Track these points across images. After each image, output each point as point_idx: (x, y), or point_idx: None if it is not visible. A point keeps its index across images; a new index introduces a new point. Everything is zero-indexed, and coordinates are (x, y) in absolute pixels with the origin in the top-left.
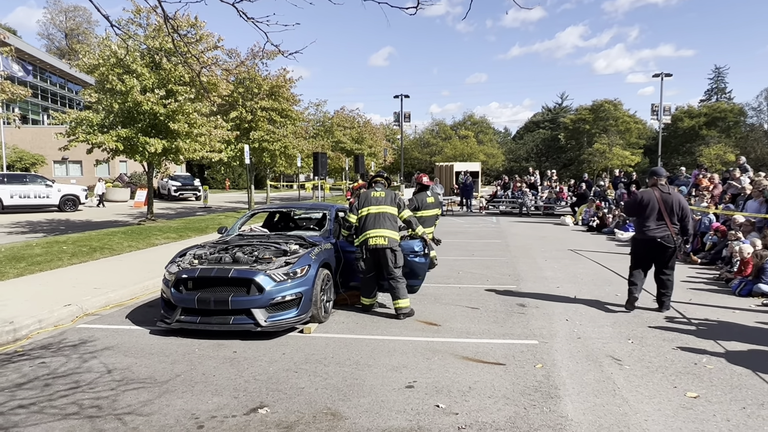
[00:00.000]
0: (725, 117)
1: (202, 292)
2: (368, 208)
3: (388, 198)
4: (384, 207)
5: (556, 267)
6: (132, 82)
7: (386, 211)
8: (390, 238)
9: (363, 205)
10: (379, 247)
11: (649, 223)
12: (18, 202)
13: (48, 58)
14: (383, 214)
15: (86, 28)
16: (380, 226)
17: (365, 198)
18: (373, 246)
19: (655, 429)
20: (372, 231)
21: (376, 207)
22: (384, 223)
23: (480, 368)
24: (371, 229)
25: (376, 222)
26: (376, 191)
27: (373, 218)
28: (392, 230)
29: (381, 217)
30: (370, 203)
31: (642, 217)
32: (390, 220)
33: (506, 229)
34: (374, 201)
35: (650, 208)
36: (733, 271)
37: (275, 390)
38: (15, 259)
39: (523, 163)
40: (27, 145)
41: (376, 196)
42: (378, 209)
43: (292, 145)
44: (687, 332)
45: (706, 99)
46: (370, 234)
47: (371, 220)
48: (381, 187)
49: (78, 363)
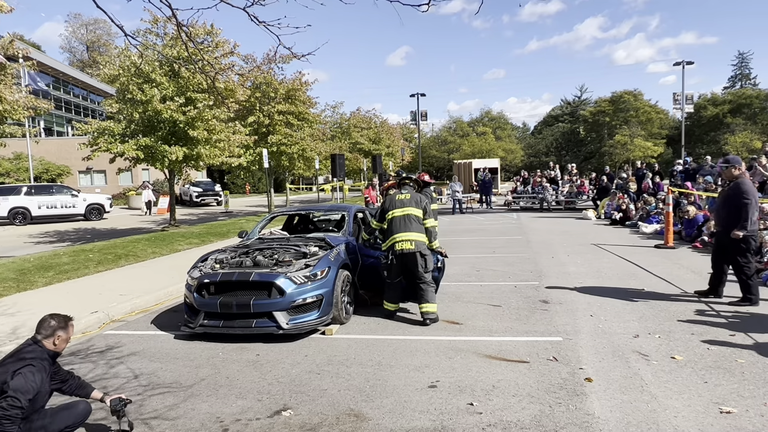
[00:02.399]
0: (751, 103)
1: (225, 297)
2: (393, 211)
3: (412, 200)
4: (408, 209)
5: (579, 262)
6: (152, 92)
7: (411, 213)
8: (417, 241)
9: (388, 209)
10: (406, 251)
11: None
12: (45, 213)
13: (70, 70)
14: (408, 217)
15: (107, 40)
16: (406, 229)
17: (390, 201)
18: (400, 251)
19: (686, 426)
20: (399, 235)
21: (401, 210)
22: (410, 226)
23: (503, 366)
24: (398, 233)
25: (402, 225)
26: (401, 194)
27: (399, 221)
28: (419, 233)
29: (406, 220)
30: (395, 206)
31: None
32: (416, 222)
33: (527, 224)
34: (399, 204)
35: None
36: (763, 262)
37: (298, 392)
38: (43, 269)
39: (543, 158)
40: (53, 157)
41: (400, 198)
42: (403, 212)
43: (309, 148)
44: (716, 325)
45: (730, 86)
46: (397, 238)
47: (397, 224)
48: (407, 190)
49: (105, 369)
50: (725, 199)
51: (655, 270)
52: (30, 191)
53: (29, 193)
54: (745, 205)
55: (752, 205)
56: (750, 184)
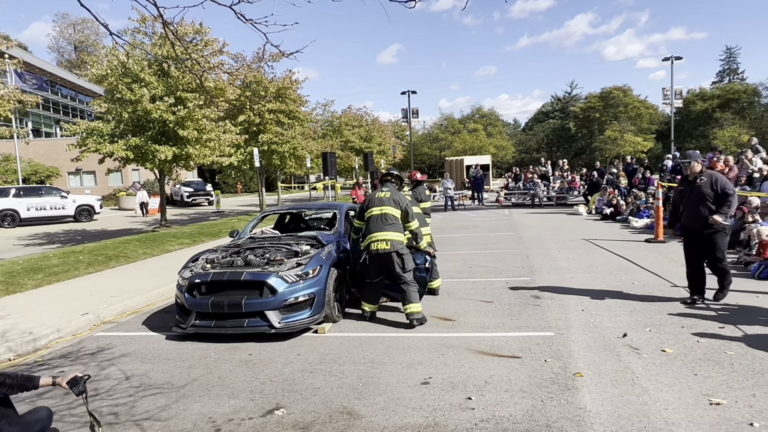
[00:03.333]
0: (738, 98)
1: (216, 296)
2: (371, 209)
3: (391, 199)
4: (386, 208)
5: (571, 257)
6: (141, 91)
7: (388, 213)
8: (393, 240)
9: (367, 207)
10: (381, 251)
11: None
12: (34, 215)
13: (58, 71)
14: (385, 216)
15: (95, 40)
16: (382, 228)
17: (369, 199)
18: (375, 251)
19: (676, 418)
20: (374, 234)
21: (379, 208)
22: (385, 225)
23: (496, 362)
24: (374, 232)
25: (378, 225)
26: (382, 191)
27: (376, 220)
28: (395, 232)
29: (383, 219)
30: (374, 204)
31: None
32: (392, 221)
33: (519, 221)
34: (377, 202)
35: None
36: (751, 254)
37: (291, 391)
38: (33, 271)
39: (534, 154)
40: (41, 158)
41: (380, 196)
42: (381, 210)
43: (301, 146)
44: (706, 318)
45: (718, 81)
46: (373, 237)
47: (374, 223)
48: (389, 187)
49: (96, 371)
50: (702, 195)
51: (646, 264)
52: (18, 193)
53: (18, 195)
54: (730, 196)
55: (735, 196)
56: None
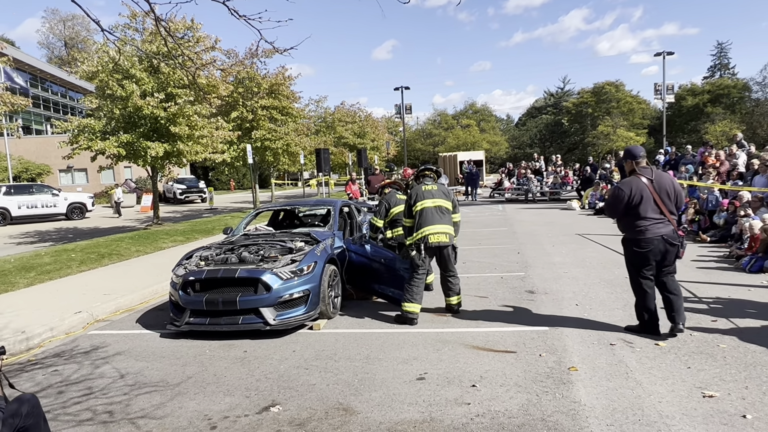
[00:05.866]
0: (729, 93)
1: (210, 294)
2: (423, 202)
3: (440, 191)
4: (439, 200)
5: (564, 252)
6: (132, 87)
7: (442, 204)
8: (450, 234)
9: (417, 200)
10: (442, 245)
11: (648, 219)
12: (26, 213)
13: (48, 67)
14: (440, 208)
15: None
16: (440, 221)
17: (416, 194)
18: (435, 243)
19: (670, 410)
20: (432, 227)
21: (432, 201)
22: (443, 218)
23: (491, 357)
24: (430, 224)
25: (434, 217)
26: (427, 185)
27: (431, 213)
28: (450, 225)
29: (438, 212)
30: (425, 197)
31: (634, 213)
32: (447, 214)
33: (512, 216)
34: (428, 195)
35: (643, 201)
36: (743, 248)
37: (287, 388)
38: (25, 269)
39: (527, 150)
40: (32, 156)
41: (428, 189)
42: (434, 203)
43: (294, 143)
44: (698, 311)
45: (709, 76)
46: (431, 230)
47: (429, 215)
48: (431, 181)
49: (90, 369)
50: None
51: None
52: (9, 191)
53: (8, 193)
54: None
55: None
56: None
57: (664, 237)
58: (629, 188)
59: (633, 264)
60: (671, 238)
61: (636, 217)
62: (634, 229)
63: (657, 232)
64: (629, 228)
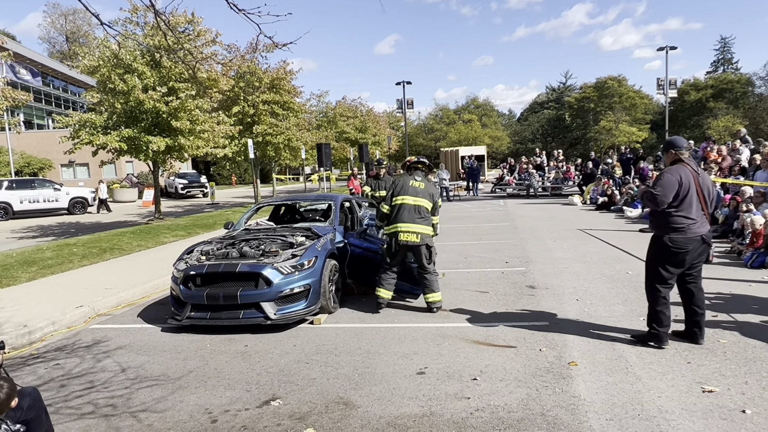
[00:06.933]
0: (732, 88)
1: (211, 288)
2: (404, 197)
3: (427, 192)
4: (421, 200)
5: (565, 247)
6: (133, 81)
7: (422, 205)
8: (423, 234)
9: (399, 194)
10: (410, 244)
11: (691, 216)
12: (28, 207)
13: (49, 62)
14: (418, 208)
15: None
16: (413, 220)
17: (402, 186)
18: (404, 242)
19: (669, 405)
20: (403, 225)
21: (413, 198)
22: (417, 218)
23: (491, 352)
24: (402, 222)
25: (410, 215)
26: (416, 180)
27: (408, 210)
28: (425, 225)
29: (415, 211)
30: (407, 192)
31: (678, 206)
32: (424, 214)
33: (514, 211)
34: (412, 191)
35: (690, 194)
36: (745, 243)
37: (287, 382)
38: (27, 264)
39: (529, 145)
40: (34, 150)
41: (414, 186)
42: (415, 201)
43: (295, 138)
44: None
45: (712, 71)
46: (401, 228)
47: (405, 212)
48: (421, 176)
49: (92, 363)
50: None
51: (640, 254)
52: (11, 185)
53: (10, 188)
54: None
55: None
56: None
57: (703, 237)
58: (679, 176)
59: (662, 266)
60: (708, 238)
61: (679, 211)
62: (675, 226)
63: (698, 231)
64: (668, 223)
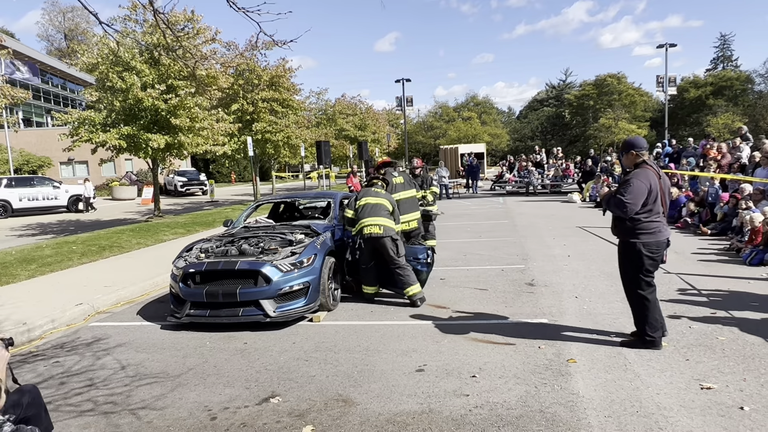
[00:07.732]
0: (732, 85)
1: (210, 286)
2: (366, 199)
3: (386, 197)
4: (382, 200)
5: (565, 245)
6: (132, 79)
7: (383, 204)
8: (386, 226)
9: (361, 197)
10: (374, 235)
11: (659, 219)
12: (27, 205)
13: (47, 59)
14: (380, 206)
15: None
16: (376, 214)
17: (364, 193)
18: (368, 234)
19: (668, 402)
20: (367, 219)
21: (375, 198)
22: (380, 212)
23: (490, 349)
24: (366, 217)
25: (372, 210)
26: (376, 188)
27: (370, 207)
28: (388, 219)
29: (377, 208)
30: (369, 195)
31: (648, 211)
32: (386, 212)
33: (513, 209)
34: (373, 194)
35: (657, 199)
36: (743, 241)
37: (286, 379)
38: (26, 261)
39: (529, 142)
40: (33, 148)
41: (375, 190)
42: (376, 200)
43: (294, 135)
44: (698, 304)
45: (712, 68)
46: (365, 222)
47: (368, 209)
48: (379, 188)
49: (92, 361)
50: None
51: None
52: (10, 183)
53: (9, 186)
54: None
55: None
56: None
57: (668, 239)
58: (649, 183)
59: (641, 272)
60: (669, 239)
61: (650, 216)
62: (647, 231)
63: (666, 233)
64: (640, 229)
